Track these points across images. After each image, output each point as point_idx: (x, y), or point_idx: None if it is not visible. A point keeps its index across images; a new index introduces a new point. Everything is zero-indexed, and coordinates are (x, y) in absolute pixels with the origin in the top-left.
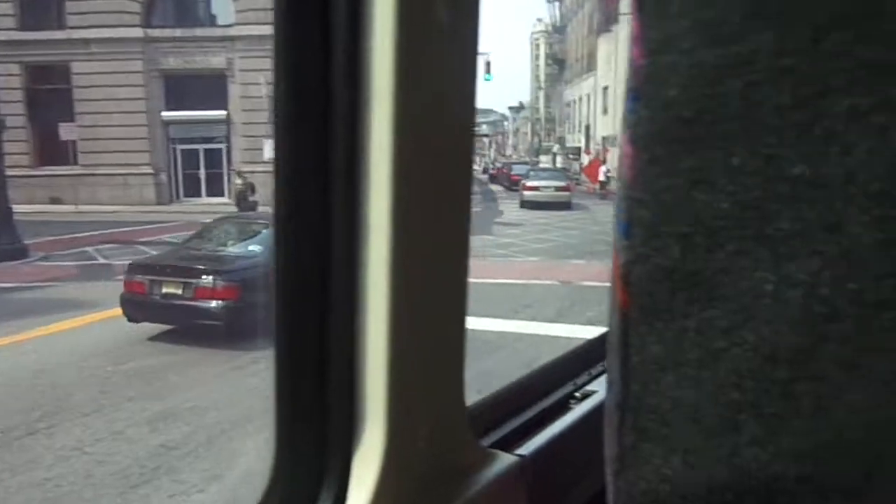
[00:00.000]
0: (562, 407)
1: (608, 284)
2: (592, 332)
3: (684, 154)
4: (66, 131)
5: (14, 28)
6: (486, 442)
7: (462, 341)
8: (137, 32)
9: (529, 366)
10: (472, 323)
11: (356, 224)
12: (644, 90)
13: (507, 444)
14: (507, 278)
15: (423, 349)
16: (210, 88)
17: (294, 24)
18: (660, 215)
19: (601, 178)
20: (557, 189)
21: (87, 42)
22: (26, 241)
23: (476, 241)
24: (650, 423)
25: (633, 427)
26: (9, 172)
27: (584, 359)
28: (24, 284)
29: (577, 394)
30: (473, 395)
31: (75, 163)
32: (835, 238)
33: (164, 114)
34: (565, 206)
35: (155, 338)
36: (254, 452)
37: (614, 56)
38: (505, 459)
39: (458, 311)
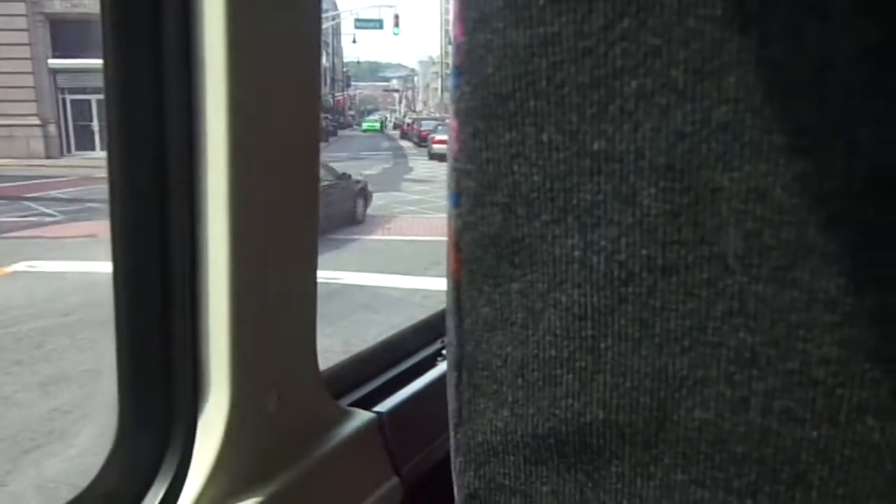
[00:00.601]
0: (429, 364)
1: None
2: None
3: (502, 129)
4: None
5: None
6: (345, 402)
7: (313, 303)
8: None
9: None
10: (380, 280)
11: (195, 187)
12: (465, 67)
13: (367, 402)
14: (417, 235)
15: (269, 312)
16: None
17: (123, 9)
18: (484, 186)
19: None
20: None
21: None
22: None
23: (385, 198)
24: (483, 380)
25: (469, 384)
26: None
27: None
28: None
29: (443, 352)
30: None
31: None
32: (629, 208)
33: (51, 62)
34: None
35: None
36: None
37: None
38: (362, 416)
39: (308, 272)
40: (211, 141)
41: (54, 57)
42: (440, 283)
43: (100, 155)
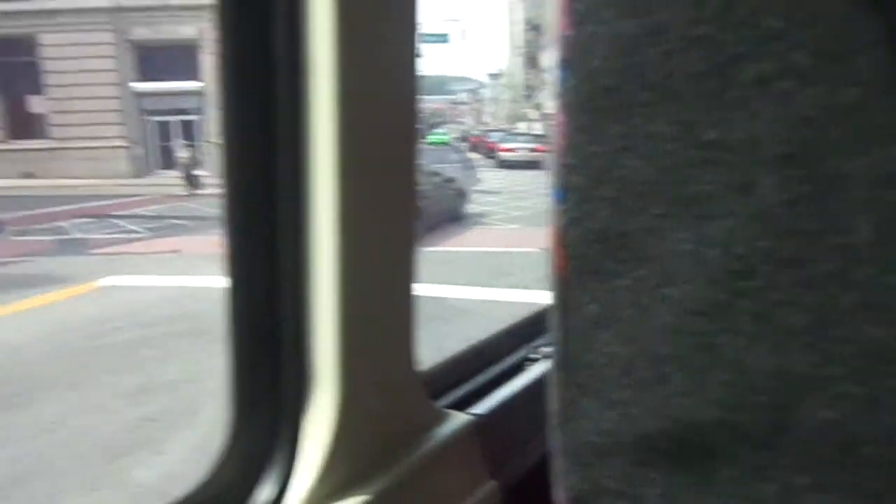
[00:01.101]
0: (517, 369)
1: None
2: None
3: (609, 122)
4: (35, 104)
5: None
6: (441, 403)
7: (412, 305)
8: (105, 2)
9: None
10: (449, 291)
11: (303, 190)
12: (571, 60)
13: (463, 404)
14: (487, 246)
15: (372, 313)
16: (182, 59)
17: (236, 22)
18: (591, 180)
19: None
20: (530, 150)
21: (54, 13)
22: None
23: None
24: (588, 380)
25: (573, 383)
26: None
27: (541, 322)
28: None
29: (533, 356)
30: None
31: (47, 136)
32: (746, 199)
33: (136, 85)
34: (536, 164)
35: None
36: None
37: None
38: (459, 419)
39: (407, 276)
40: (318, 145)
41: (139, 81)
42: (509, 294)
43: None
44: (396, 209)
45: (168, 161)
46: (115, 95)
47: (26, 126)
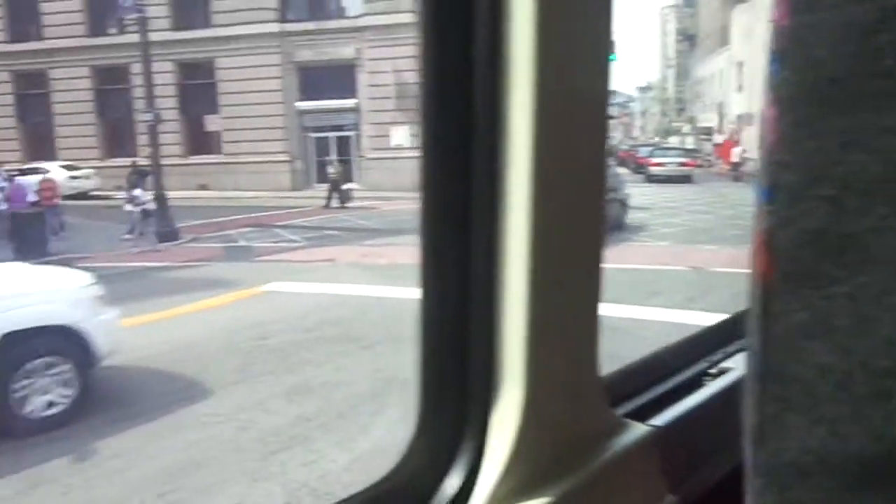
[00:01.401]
0: (695, 383)
1: (743, 269)
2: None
3: (833, 115)
4: (211, 123)
5: (168, 29)
6: (619, 411)
7: (597, 313)
8: (274, 27)
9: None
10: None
11: (497, 200)
12: (788, 51)
13: (641, 414)
14: (636, 264)
15: (560, 319)
16: (340, 78)
17: (438, 13)
18: (807, 178)
19: (735, 159)
20: (679, 165)
21: (229, 39)
22: (177, 225)
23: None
24: (794, 394)
25: (776, 397)
26: (163, 162)
27: (720, 336)
28: (175, 264)
29: (711, 370)
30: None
31: (219, 152)
32: None
33: (299, 104)
34: (686, 179)
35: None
36: None
37: (751, 29)
38: (639, 429)
39: (594, 283)
40: (513, 155)
41: (301, 100)
42: (659, 314)
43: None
44: (586, 217)
45: (325, 175)
46: (280, 113)
47: (203, 143)
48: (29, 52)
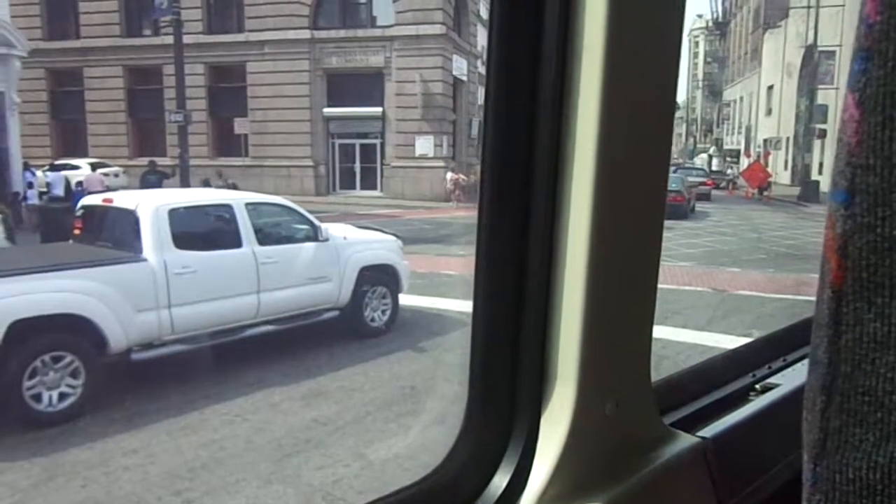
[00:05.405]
0: (741, 397)
1: (770, 294)
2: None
3: None
4: (239, 126)
5: (201, 32)
6: (667, 420)
7: (651, 322)
8: (305, 34)
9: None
10: None
11: (559, 204)
12: (878, 49)
13: (689, 425)
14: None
15: (614, 324)
16: (368, 86)
17: (508, 21)
18: (890, 182)
19: (761, 184)
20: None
21: (261, 44)
22: None
23: None
24: (863, 406)
25: (841, 410)
26: (191, 162)
27: (765, 352)
28: None
29: (757, 386)
30: None
31: (246, 154)
32: None
33: (326, 110)
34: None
35: None
36: None
37: (781, 53)
38: (687, 440)
39: (649, 290)
40: (578, 155)
41: (328, 106)
42: (678, 334)
43: (359, 193)
44: (647, 227)
45: (348, 181)
46: (307, 119)
47: (230, 144)
48: (65, 49)
